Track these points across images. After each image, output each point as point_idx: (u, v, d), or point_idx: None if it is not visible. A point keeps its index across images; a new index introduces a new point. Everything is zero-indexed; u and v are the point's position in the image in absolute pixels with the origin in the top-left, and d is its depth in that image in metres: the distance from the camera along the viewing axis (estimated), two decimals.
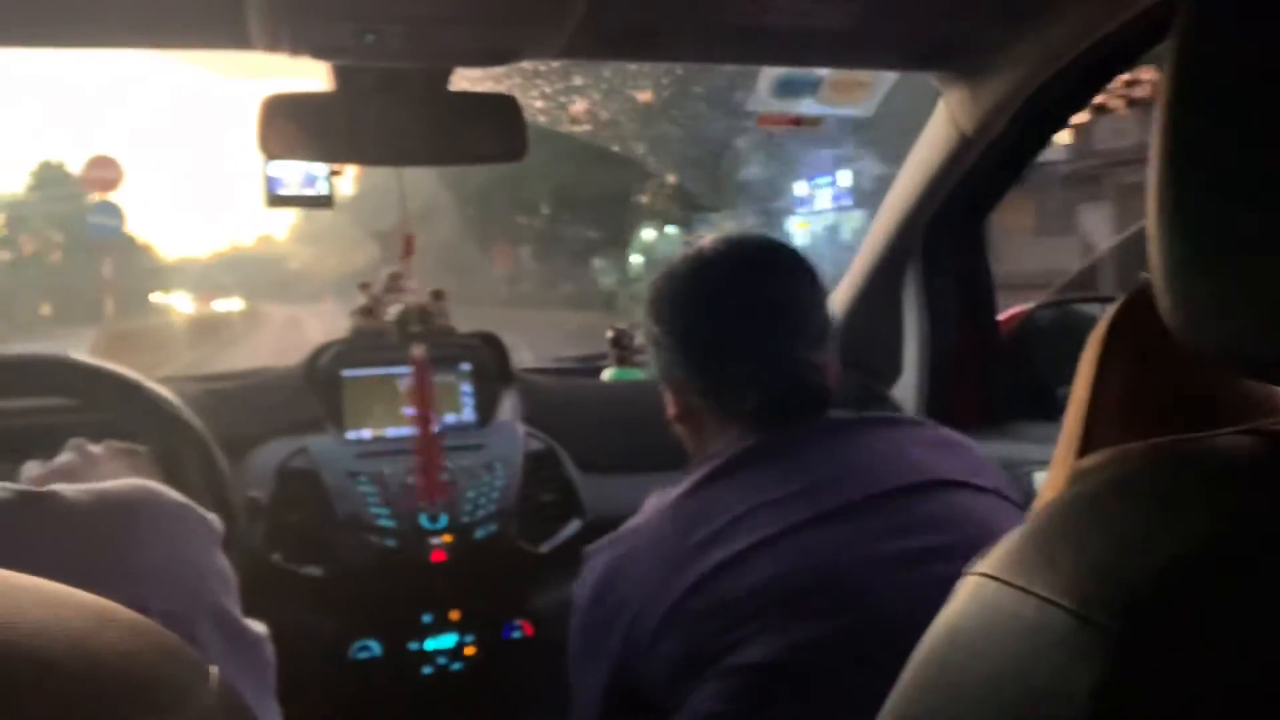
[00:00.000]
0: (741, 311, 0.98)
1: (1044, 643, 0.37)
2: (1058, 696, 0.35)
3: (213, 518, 0.70)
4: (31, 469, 1.08)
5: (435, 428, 1.60)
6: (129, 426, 1.23)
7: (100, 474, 1.06)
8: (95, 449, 1.18)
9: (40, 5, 1.10)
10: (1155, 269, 0.42)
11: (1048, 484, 0.55)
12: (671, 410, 1.06)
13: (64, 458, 1.14)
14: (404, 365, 1.65)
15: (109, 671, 0.35)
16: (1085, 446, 0.53)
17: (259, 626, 0.72)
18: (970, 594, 0.43)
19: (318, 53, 1.14)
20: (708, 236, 1.06)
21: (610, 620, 0.92)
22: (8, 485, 0.60)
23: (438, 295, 1.77)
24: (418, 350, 1.41)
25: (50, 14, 1.12)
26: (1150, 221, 0.44)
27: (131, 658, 0.37)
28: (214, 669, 0.39)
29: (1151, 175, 0.43)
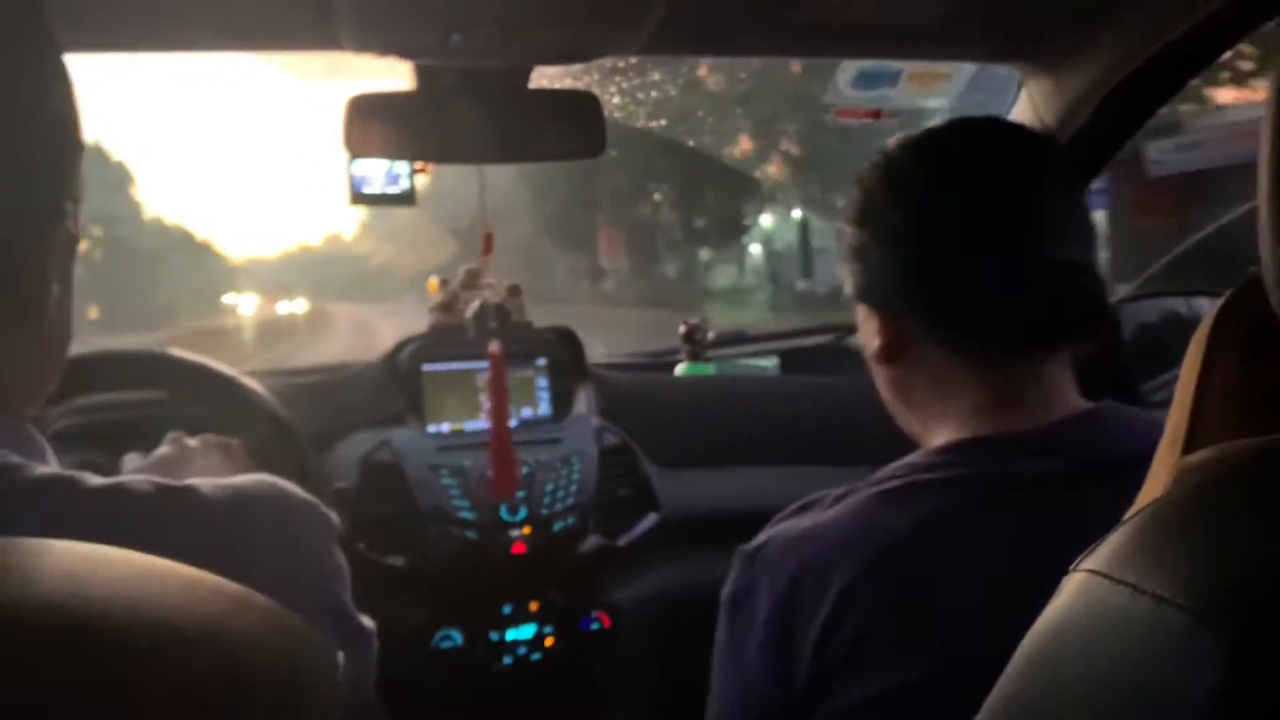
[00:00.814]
0: (998, 199, 0.78)
1: (1159, 642, 0.36)
2: (1174, 697, 0.35)
3: (332, 514, 0.71)
4: (132, 460, 1.13)
5: (512, 422, 1.63)
6: (224, 420, 1.27)
7: (197, 467, 1.09)
8: (192, 442, 1.22)
9: (138, 11, 1.14)
10: (1265, 263, 0.42)
11: (1150, 480, 0.54)
12: (877, 343, 0.85)
13: (163, 450, 1.19)
14: (482, 360, 1.68)
15: (245, 654, 0.36)
16: (1190, 443, 0.53)
17: (368, 622, 0.74)
18: (1077, 591, 0.42)
19: (405, 53, 1.17)
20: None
21: (792, 621, 0.77)
22: (148, 478, 0.61)
23: (514, 291, 1.80)
24: (494, 346, 1.43)
25: (146, 19, 1.16)
26: (1261, 215, 0.43)
27: (267, 642, 0.38)
28: (342, 657, 0.41)
29: (1262, 170, 0.43)
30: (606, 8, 1.09)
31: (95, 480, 0.59)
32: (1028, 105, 1.45)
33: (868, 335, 0.87)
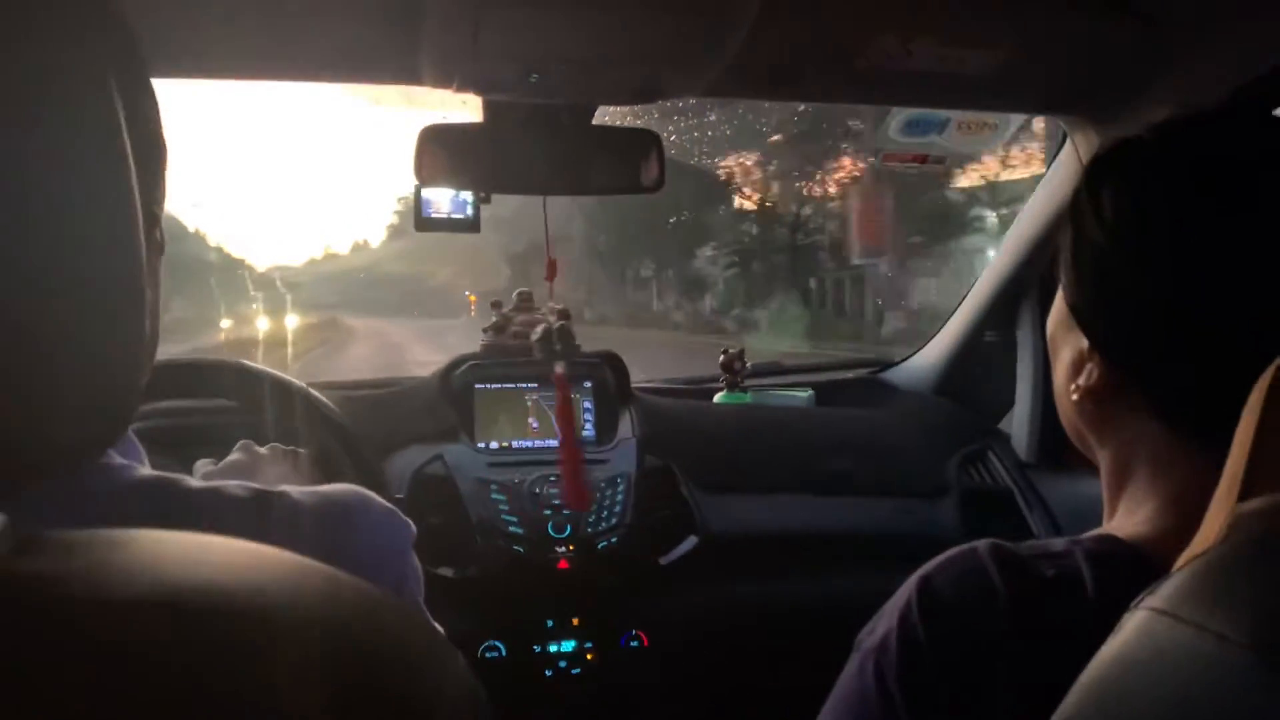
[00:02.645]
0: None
1: (1223, 680, 0.37)
2: None
3: (409, 521, 0.74)
4: (203, 466, 1.17)
5: (554, 443, 1.68)
6: (290, 429, 1.32)
7: (268, 474, 1.13)
8: (261, 450, 1.27)
9: (230, 41, 1.19)
10: None
11: (1207, 523, 0.57)
12: (1082, 383, 0.72)
13: (234, 457, 1.23)
14: (531, 381, 1.74)
15: (386, 643, 0.39)
16: (1246, 491, 0.56)
17: (439, 627, 0.77)
18: (1140, 628, 0.43)
19: (483, 89, 1.22)
20: None
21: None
22: (243, 483, 0.64)
23: (563, 315, 1.85)
24: (559, 368, 1.46)
25: (238, 49, 1.21)
26: None
27: (407, 630, 0.41)
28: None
29: None
30: (678, 51, 1.14)
31: (195, 483, 0.62)
32: (1072, 156, 1.49)
33: (1063, 369, 0.77)
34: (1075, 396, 0.74)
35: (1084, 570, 0.66)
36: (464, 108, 1.35)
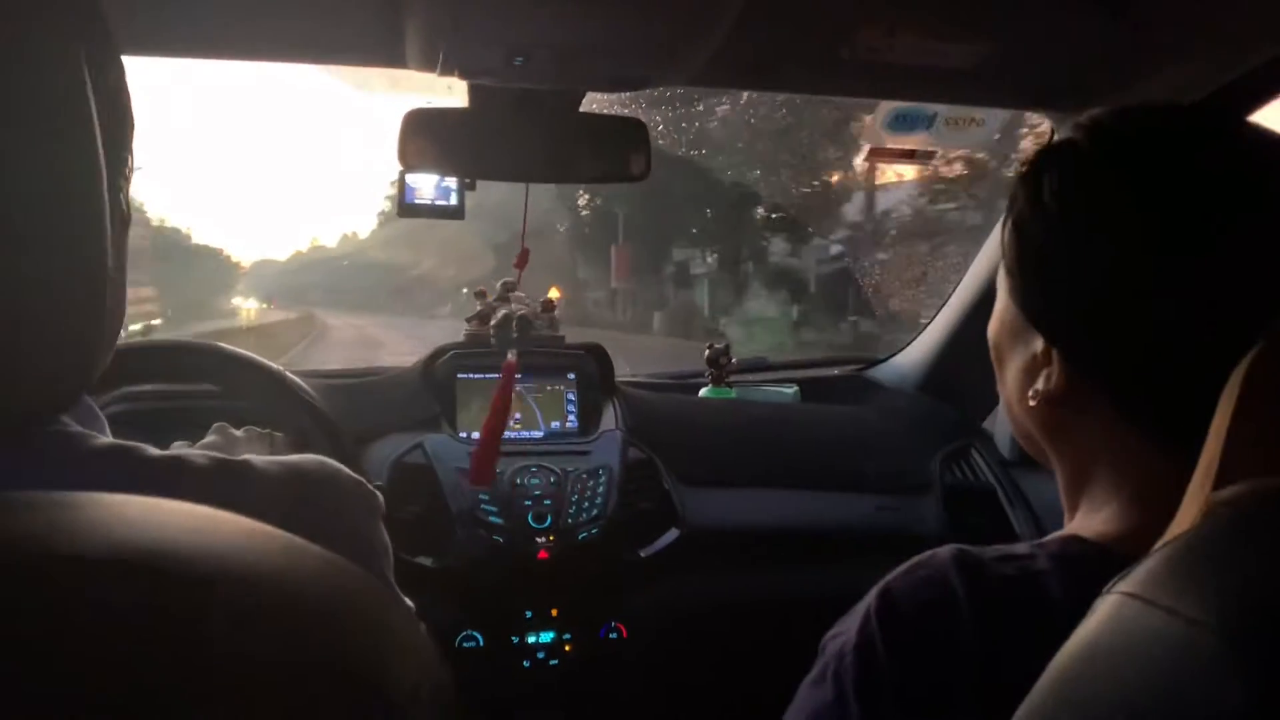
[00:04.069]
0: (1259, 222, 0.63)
1: (1189, 663, 0.38)
2: (1200, 716, 0.36)
3: (377, 493, 0.73)
4: (179, 449, 1.16)
5: (538, 433, 1.67)
6: (268, 414, 1.31)
7: (243, 455, 1.13)
8: (237, 432, 1.26)
9: (213, 20, 1.18)
10: None
11: (1182, 512, 0.57)
12: (1041, 388, 0.71)
13: (209, 439, 1.23)
14: (515, 371, 1.73)
15: (340, 606, 0.39)
16: (1221, 479, 0.56)
17: (409, 602, 0.76)
18: (1111, 612, 0.43)
19: (467, 73, 1.21)
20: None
21: None
22: (207, 453, 0.62)
23: (547, 305, 1.84)
24: (511, 355, 1.47)
25: (216, 27, 1.20)
26: None
27: (361, 594, 0.41)
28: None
29: None
30: (662, 39, 1.13)
31: (155, 452, 0.60)
32: None
33: (1020, 373, 0.75)
34: (1033, 403, 0.72)
35: (1049, 570, 0.66)
36: (449, 93, 1.34)
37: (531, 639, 1.53)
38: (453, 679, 0.47)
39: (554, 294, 1.92)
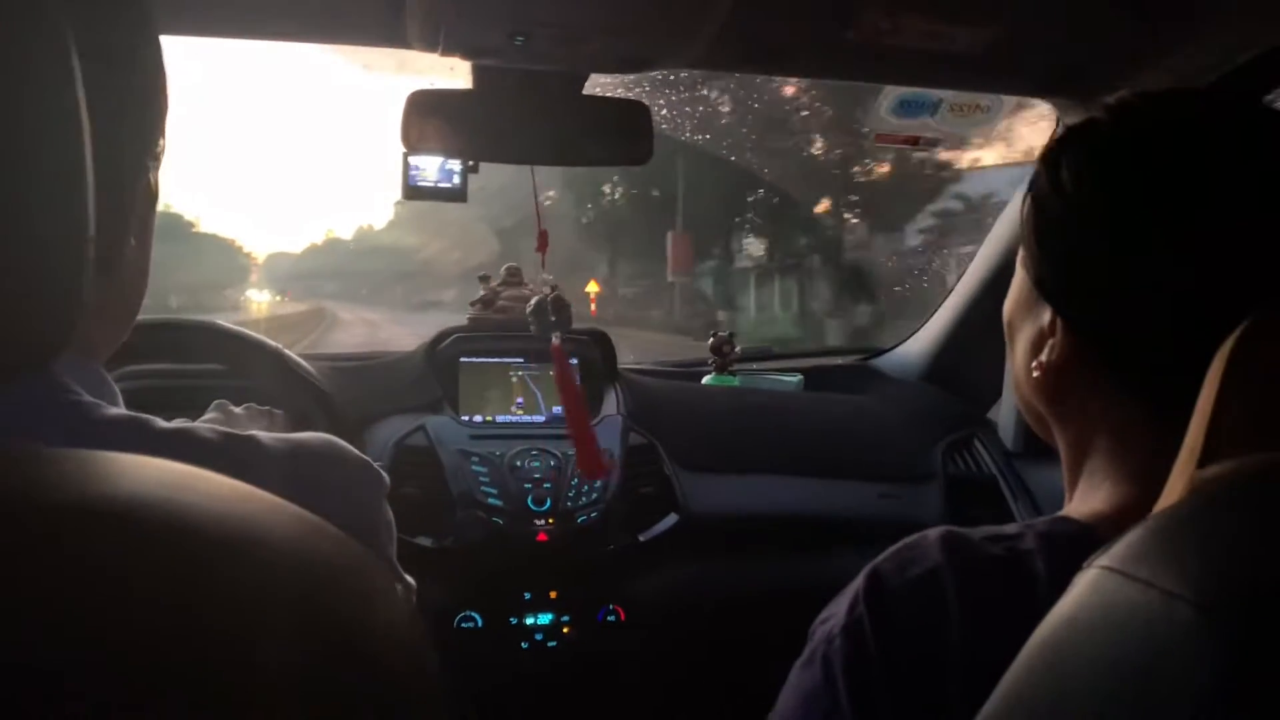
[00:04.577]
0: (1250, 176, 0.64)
1: (1166, 635, 0.38)
2: (1177, 687, 0.36)
3: (383, 471, 0.73)
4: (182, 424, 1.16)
5: (540, 418, 1.67)
6: (271, 393, 1.31)
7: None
8: (237, 410, 1.26)
9: None
10: None
11: (1168, 490, 0.57)
12: (1044, 359, 0.72)
13: (209, 416, 1.23)
14: (517, 356, 1.73)
15: (327, 572, 0.38)
16: (1206, 457, 0.55)
17: (410, 580, 0.76)
18: (1090, 585, 0.44)
19: (468, 53, 1.22)
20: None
21: None
22: (214, 426, 0.63)
23: (553, 290, 1.83)
24: (556, 339, 1.41)
25: (220, 5, 1.20)
26: None
27: (345, 561, 0.41)
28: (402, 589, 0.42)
29: None
30: (664, 20, 1.13)
31: (163, 424, 0.61)
32: None
33: (1021, 341, 0.76)
34: (1037, 374, 0.73)
35: (1035, 549, 0.66)
36: (452, 74, 1.34)
37: (530, 620, 1.53)
38: (438, 664, 0.48)
39: (593, 288, 1.91)
